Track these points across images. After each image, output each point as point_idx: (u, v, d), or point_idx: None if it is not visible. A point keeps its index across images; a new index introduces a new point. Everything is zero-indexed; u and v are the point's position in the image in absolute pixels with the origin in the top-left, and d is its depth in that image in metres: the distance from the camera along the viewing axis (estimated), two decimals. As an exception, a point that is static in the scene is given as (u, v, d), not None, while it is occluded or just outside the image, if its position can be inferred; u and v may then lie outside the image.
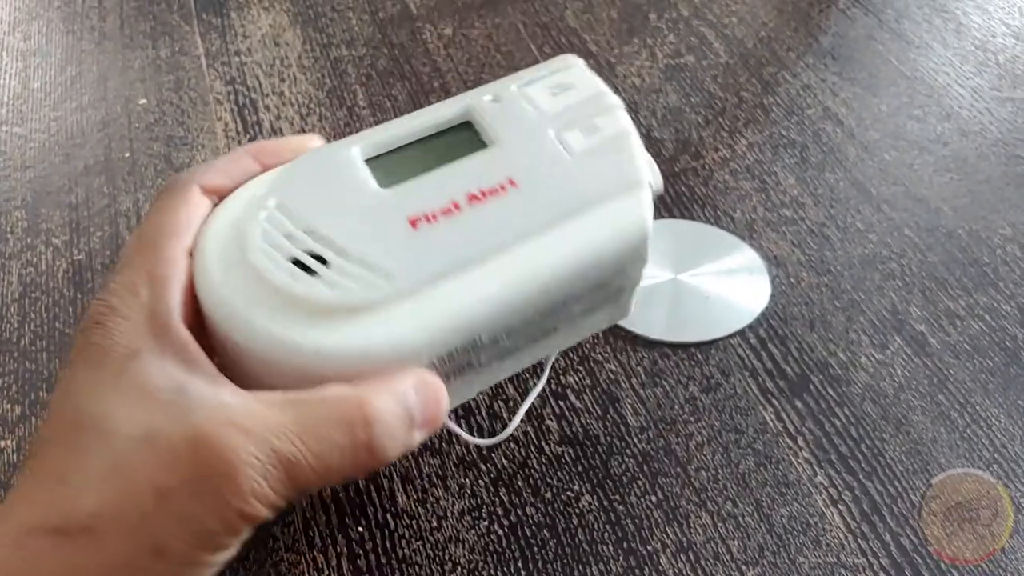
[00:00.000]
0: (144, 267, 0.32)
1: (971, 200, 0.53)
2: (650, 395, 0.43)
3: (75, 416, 0.30)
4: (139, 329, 0.31)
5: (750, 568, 0.37)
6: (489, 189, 0.36)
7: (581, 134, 0.38)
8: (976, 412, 0.42)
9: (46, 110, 0.59)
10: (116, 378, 0.30)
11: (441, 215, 0.35)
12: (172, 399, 0.29)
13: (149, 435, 0.29)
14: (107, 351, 0.30)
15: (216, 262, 0.34)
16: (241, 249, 0.34)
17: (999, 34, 0.66)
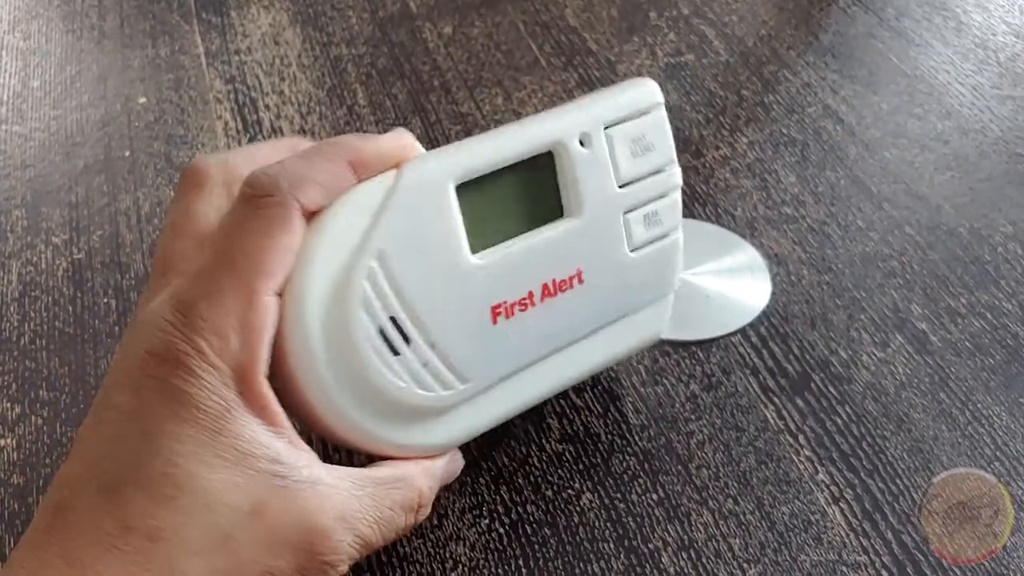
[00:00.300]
0: (235, 308, 0.29)
1: (972, 198, 0.53)
2: (651, 393, 0.43)
3: (167, 468, 0.28)
4: (228, 383, 0.29)
5: (751, 566, 0.37)
6: (560, 282, 0.37)
7: (643, 225, 0.39)
8: (977, 410, 0.42)
9: (46, 109, 0.59)
10: (213, 438, 0.28)
11: (518, 308, 0.36)
12: (271, 469, 0.29)
13: (256, 510, 0.28)
14: (198, 404, 0.28)
15: (312, 327, 0.32)
16: (342, 302, 0.32)
17: (999, 32, 0.66)
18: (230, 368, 0.29)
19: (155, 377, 0.29)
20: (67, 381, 0.44)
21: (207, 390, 0.29)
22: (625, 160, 0.38)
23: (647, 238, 0.39)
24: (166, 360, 0.29)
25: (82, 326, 0.46)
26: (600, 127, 0.37)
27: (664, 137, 0.39)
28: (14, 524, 0.39)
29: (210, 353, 0.29)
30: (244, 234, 0.30)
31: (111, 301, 0.47)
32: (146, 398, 0.29)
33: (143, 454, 0.28)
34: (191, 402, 0.28)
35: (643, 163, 0.39)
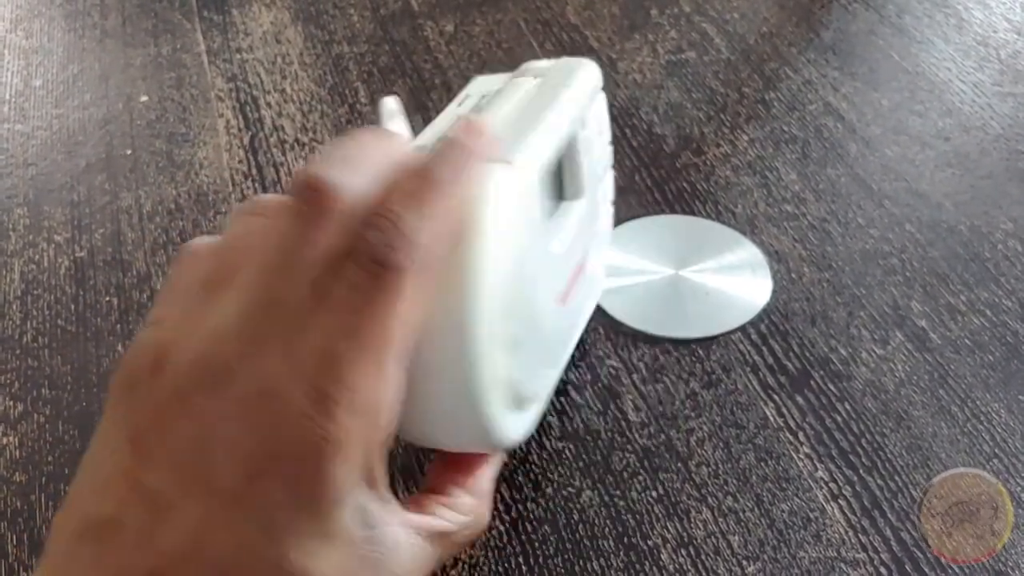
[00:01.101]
0: (366, 393, 0.26)
1: (972, 195, 0.53)
2: (651, 391, 0.43)
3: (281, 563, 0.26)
4: (355, 472, 0.27)
5: (751, 563, 0.37)
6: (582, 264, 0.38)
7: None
8: (977, 407, 0.43)
9: (48, 107, 0.59)
10: (325, 527, 0.27)
11: (571, 286, 0.37)
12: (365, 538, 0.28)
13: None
14: (319, 496, 0.26)
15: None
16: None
17: (1000, 29, 0.65)
18: (363, 458, 0.27)
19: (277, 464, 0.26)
20: (69, 379, 0.44)
21: (329, 482, 0.26)
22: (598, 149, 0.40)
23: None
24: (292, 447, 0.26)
25: (84, 324, 0.46)
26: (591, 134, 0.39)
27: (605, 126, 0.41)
28: (16, 522, 0.39)
29: (345, 445, 0.26)
30: (372, 314, 0.27)
31: (113, 299, 0.48)
32: (264, 486, 0.26)
33: (257, 546, 0.26)
34: (310, 494, 0.26)
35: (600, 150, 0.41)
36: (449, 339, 0.29)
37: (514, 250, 0.30)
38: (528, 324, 0.32)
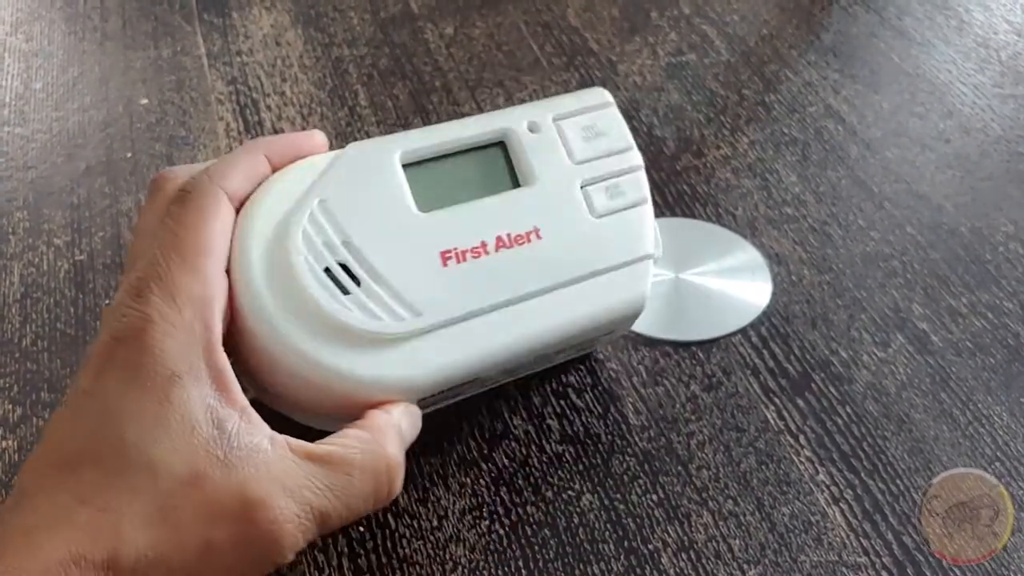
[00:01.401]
0: (184, 283, 0.31)
1: (973, 197, 0.53)
2: (651, 394, 0.43)
3: (117, 443, 0.29)
4: (181, 351, 0.31)
5: (751, 567, 0.37)
6: (516, 236, 0.38)
7: (605, 195, 0.41)
8: (978, 410, 0.42)
9: (48, 110, 0.59)
10: (159, 405, 0.30)
11: (470, 254, 0.37)
12: (211, 435, 0.30)
13: (193, 480, 0.29)
14: (149, 372, 0.30)
15: (259, 273, 0.34)
16: (284, 252, 0.34)
17: (1001, 31, 0.65)
18: (186, 338, 0.31)
19: (113, 357, 0.30)
20: (69, 383, 0.44)
21: (158, 358, 0.30)
22: (577, 142, 0.41)
23: (611, 207, 0.40)
24: (124, 338, 0.31)
25: (84, 328, 0.46)
26: (547, 117, 0.40)
27: (618, 127, 0.42)
28: (16, 525, 0.39)
29: (162, 323, 0.31)
30: (182, 222, 0.33)
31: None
32: (104, 378, 0.30)
33: (98, 430, 0.30)
34: (143, 372, 0.30)
35: (597, 145, 0.41)
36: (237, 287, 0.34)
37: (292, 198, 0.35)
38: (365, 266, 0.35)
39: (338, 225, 0.35)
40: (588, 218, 0.40)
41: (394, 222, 0.37)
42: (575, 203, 0.40)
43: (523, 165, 0.39)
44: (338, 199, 0.36)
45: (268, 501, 0.30)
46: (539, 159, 0.40)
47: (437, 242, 0.37)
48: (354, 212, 0.36)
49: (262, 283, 0.34)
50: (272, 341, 0.34)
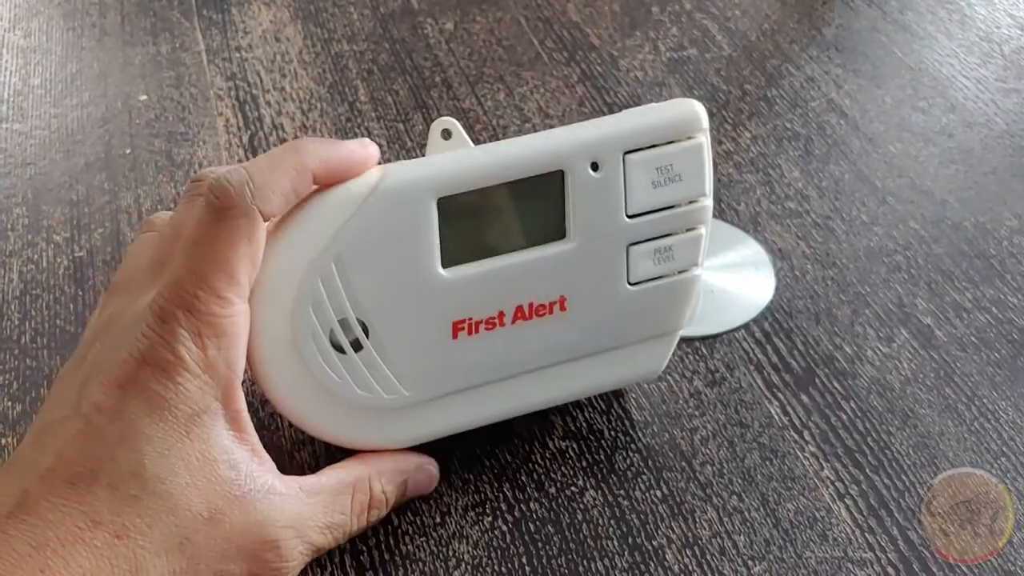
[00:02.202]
0: (211, 319, 0.31)
1: (977, 192, 0.53)
2: (654, 389, 0.43)
3: (136, 469, 0.30)
4: (205, 389, 0.31)
5: (756, 563, 0.37)
6: (538, 306, 0.36)
7: (652, 259, 0.37)
8: (983, 405, 0.42)
9: (47, 107, 0.59)
10: (181, 441, 0.30)
11: (484, 326, 0.36)
12: (227, 476, 0.31)
13: (213, 516, 0.30)
14: (172, 407, 0.30)
15: (268, 320, 0.34)
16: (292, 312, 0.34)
17: (1004, 25, 0.65)
18: (210, 377, 0.31)
19: (137, 380, 0.30)
20: (68, 379, 0.44)
21: (183, 395, 0.30)
22: (642, 190, 0.36)
23: (653, 273, 0.37)
24: (149, 364, 0.30)
25: (83, 324, 0.46)
26: (619, 151, 0.35)
27: (699, 168, 0.36)
28: (16, 523, 0.39)
29: (189, 361, 0.31)
30: (213, 246, 0.31)
31: (112, 299, 0.47)
32: (126, 400, 0.30)
33: (116, 453, 0.30)
34: (166, 406, 0.30)
35: (664, 194, 0.36)
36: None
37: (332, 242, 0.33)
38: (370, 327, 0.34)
39: (352, 289, 0.34)
40: (624, 287, 0.37)
41: (412, 282, 0.34)
42: (614, 268, 0.36)
43: (572, 211, 0.35)
44: (358, 254, 0.34)
45: (282, 543, 0.32)
46: (592, 208, 0.35)
47: (452, 310, 0.35)
48: (373, 271, 0.34)
49: (271, 340, 0.34)
50: (272, 393, 0.35)
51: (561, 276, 0.36)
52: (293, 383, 0.35)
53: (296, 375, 0.35)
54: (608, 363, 0.38)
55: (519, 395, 0.38)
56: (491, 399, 0.38)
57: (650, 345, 0.39)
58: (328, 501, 0.34)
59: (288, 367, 0.34)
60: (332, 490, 0.34)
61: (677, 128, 0.36)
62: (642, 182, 0.36)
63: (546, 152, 0.35)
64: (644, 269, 0.37)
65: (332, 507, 0.34)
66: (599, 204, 0.35)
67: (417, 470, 0.37)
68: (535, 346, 0.37)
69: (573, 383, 0.39)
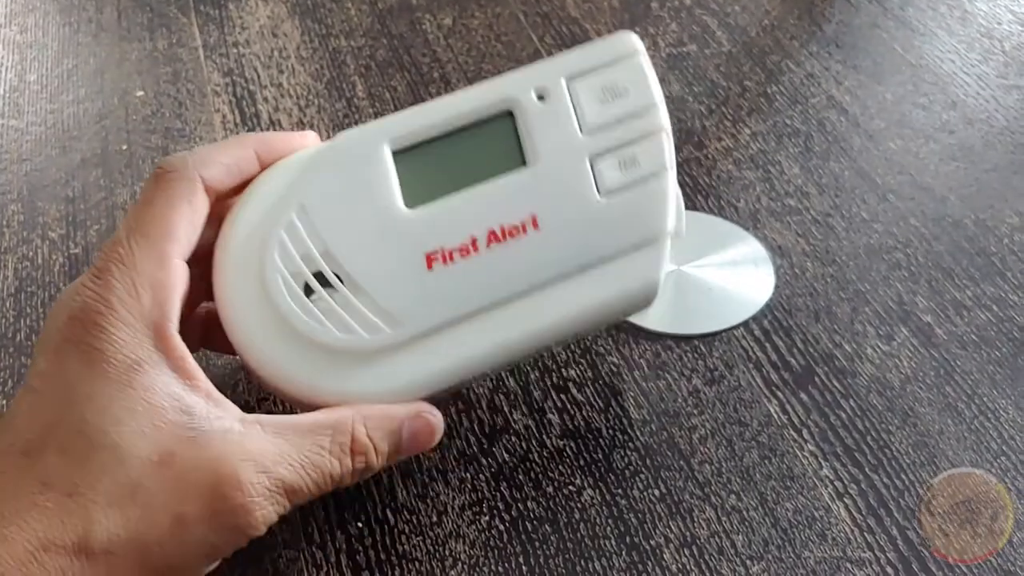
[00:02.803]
0: (146, 269, 0.32)
1: (978, 189, 0.52)
2: (653, 388, 0.43)
3: (81, 427, 0.29)
4: (140, 337, 0.31)
5: (755, 563, 0.37)
6: (510, 228, 0.36)
7: (618, 168, 0.36)
8: (984, 403, 0.42)
9: (43, 103, 0.59)
10: (122, 391, 0.30)
11: (458, 254, 0.35)
12: (179, 420, 0.30)
13: (163, 459, 0.30)
14: (109, 359, 0.30)
15: (236, 279, 0.34)
16: (259, 265, 0.34)
17: (1005, 21, 0.65)
18: (145, 324, 0.31)
19: (72, 339, 0.31)
20: (63, 377, 0.43)
21: (118, 345, 0.30)
22: (590, 107, 0.37)
23: (623, 181, 0.36)
24: (82, 321, 0.31)
25: (78, 322, 0.46)
26: (559, 78, 0.37)
27: (643, 82, 0.37)
28: (10, 522, 0.38)
29: (121, 309, 0.31)
30: (153, 205, 0.33)
31: (108, 296, 0.47)
32: (64, 360, 0.30)
33: (61, 415, 0.30)
34: (102, 358, 0.30)
35: (614, 108, 0.37)
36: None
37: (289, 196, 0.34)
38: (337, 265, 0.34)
39: (317, 233, 0.34)
40: (594, 198, 0.36)
41: (378, 223, 0.35)
42: (580, 182, 0.36)
43: (527, 141, 0.36)
44: (319, 202, 0.35)
45: (241, 476, 0.30)
46: (545, 133, 0.36)
47: (423, 242, 0.35)
48: (336, 215, 0.35)
49: (241, 297, 0.34)
50: (250, 356, 0.34)
51: (528, 197, 0.36)
52: (274, 344, 0.34)
53: (275, 335, 0.34)
54: (601, 279, 0.36)
55: (514, 324, 0.36)
56: (484, 331, 0.36)
57: (640, 255, 0.37)
58: (299, 439, 0.32)
59: (265, 326, 0.34)
60: (305, 428, 0.32)
61: (614, 51, 0.37)
62: (589, 100, 0.37)
63: (491, 93, 0.36)
64: (611, 178, 0.36)
65: (303, 445, 0.32)
66: (552, 128, 0.37)
67: (414, 417, 0.35)
68: (515, 267, 0.36)
69: (569, 305, 0.36)
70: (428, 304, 0.35)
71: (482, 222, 0.35)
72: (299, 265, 0.34)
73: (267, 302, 0.34)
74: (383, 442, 0.34)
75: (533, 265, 0.36)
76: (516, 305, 0.36)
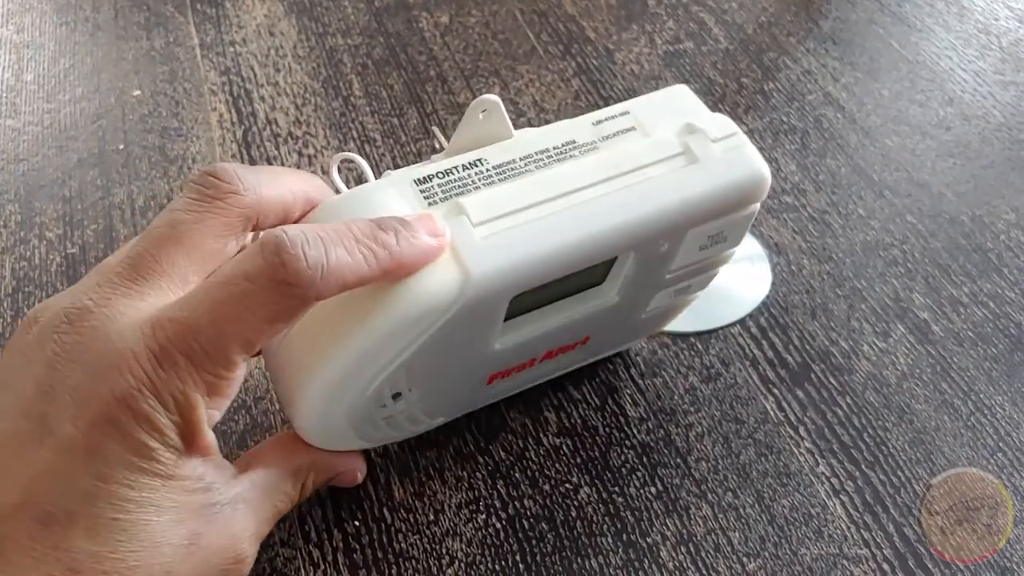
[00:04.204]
0: (210, 379, 0.29)
1: (974, 185, 0.52)
2: (649, 385, 0.43)
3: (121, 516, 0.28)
4: (183, 434, 0.29)
5: (751, 560, 0.37)
6: (565, 347, 0.38)
7: (671, 297, 0.39)
8: (980, 400, 0.42)
9: (39, 102, 0.59)
10: (165, 483, 0.29)
11: (516, 371, 0.37)
12: (204, 500, 0.30)
13: (192, 542, 0.30)
14: (158, 457, 0.28)
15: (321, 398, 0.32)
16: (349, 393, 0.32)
17: (1002, 17, 0.65)
18: (188, 424, 0.29)
19: (118, 423, 0.28)
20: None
21: (167, 445, 0.29)
22: (689, 252, 0.35)
23: (666, 305, 0.39)
24: (131, 410, 0.28)
25: (76, 321, 0.46)
26: (686, 231, 0.34)
27: (743, 229, 0.35)
28: (7, 522, 0.39)
29: (172, 406, 0.28)
30: (254, 310, 0.28)
31: (105, 296, 0.47)
32: (105, 441, 0.28)
33: (94, 496, 0.27)
34: (151, 455, 0.28)
35: (706, 254, 0.36)
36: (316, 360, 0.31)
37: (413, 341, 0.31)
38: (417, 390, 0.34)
39: (413, 376, 0.33)
40: (639, 317, 0.39)
41: (468, 359, 0.34)
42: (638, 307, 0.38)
43: (621, 270, 0.34)
44: (428, 357, 0.32)
45: (247, 547, 0.32)
46: (638, 271, 0.35)
47: (495, 367, 0.36)
48: (437, 363, 0.33)
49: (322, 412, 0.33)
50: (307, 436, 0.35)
51: (594, 323, 0.37)
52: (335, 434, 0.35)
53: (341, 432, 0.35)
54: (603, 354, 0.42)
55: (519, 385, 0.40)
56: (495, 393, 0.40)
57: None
58: (274, 492, 0.34)
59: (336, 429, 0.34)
60: (274, 482, 0.34)
61: (746, 197, 0.34)
62: (692, 247, 0.35)
63: (623, 240, 0.32)
64: (660, 303, 0.39)
65: (276, 497, 0.34)
66: (647, 272, 0.35)
67: (345, 472, 0.37)
68: (552, 369, 0.40)
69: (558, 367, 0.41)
70: (471, 402, 0.39)
71: (546, 347, 0.37)
72: (387, 399, 0.34)
73: (345, 416, 0.33)
74: (317, 484, 0.37)
75: (562, 365, 0.40)
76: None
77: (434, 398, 0.36)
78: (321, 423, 0.34)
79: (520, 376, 0.38)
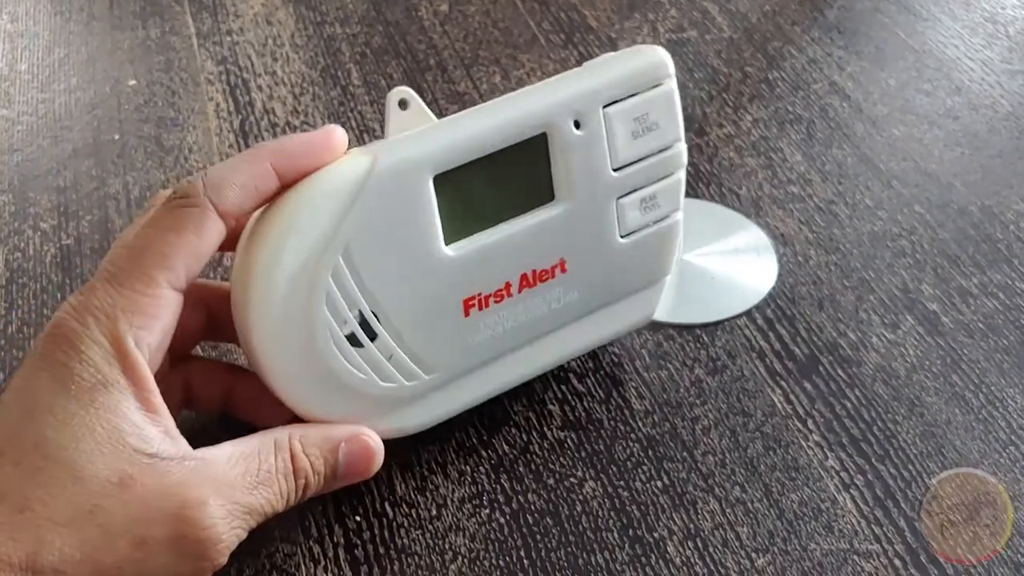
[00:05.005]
0: (130, 294, 0.31)
1: (983, 175, 0.52)
2: (655, 378, 0.42)
3: (39, 440, 0.29)
4: (109, 360, 0.30)
5: (760, 555, 0.36)
6: (541, 272, 0.37)
7: (639, 209, 0.38)
8: (991, 392, 0.41)
9: (34, 92, 0.58)
10: (84, 409, 0.29)
11: (492, 299, 0.36)
12: (138, 445, 0.30)
13: (123, 481, 0.29)
14: (76, 376, 0.30)
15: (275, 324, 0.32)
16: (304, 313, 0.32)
17: (1009, 5, 0.64)
18: (116, 349, 0.30)
19: (46, 355, 0.30)
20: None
21: (86, 363, 0.30)
22: (624, 142, 0.36)
23: (642, 223, 0.38)
24: (56, 337, 0.30)
25: (71, 314, 0.45)
26: (598, 106, 0.36)
27: (671, 113, 0.37)
28: (1, 518, 0.38)
29: (95, 330, 0.30)
30: (155, 231, 0.31)
31: (100, 288, 0.46)
32: (35, 374, 0.30)
33: (20, 426, 0.29)
34: (69, 375, 0.30)
35: (644, 144, 0.37)
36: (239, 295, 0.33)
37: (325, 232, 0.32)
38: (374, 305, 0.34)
39: (362, 279, 0.33)
40: (616, 240, 0.37)
41: (420, 264, 0.34)
42: (606, 222, 0.37)
43: (560, 173, 0.36)
44: (364, 242, 0.33)
45: (204, 499, 0.30)
46: (579, 167, 0.36)
47: (461, 288, 0.35)
48: (379, 256, 0.33)
49: (281, 343, 0.33)
50: (288, 398, 0.34)
51: (558, 238, 0.36)
52: (316, 390, 0.34)
53: (314, 377, 0.34)
54: (610, 316, 0.39)
55: (527, 362, 0.38)
56: (502, 370, 0.38)
57: (645, 292, 0.40)
58: (248, 462, 0.32)
59: (305, 370, 0.33)
60: (251, 452, 0.33)
61: (648, 76, 0.36)
62: (623, 134, 0.36)
63: (530, 115, 0.35)
64: (633, 220, 0.38)
65: (253, 466, 0.32)
66: (585, 161, 0.36)
67: (351, 439, 0.35)
68: (542, 312, 0.37)
69: (576, 340, 0.39)
70: (464, 351, 0.36)
71: (516, 267, 0.36)
72: (347, 315, 0.33)
73: (312, 351, 0.33)
74: (319, 460, 0.34)
75: (559, 310, 0.38)
76: (538, 343, 0.38)
77: (411, 334, 0.34)
78: (283, 350, 0.33)
79: (503, 312, 0.36)
